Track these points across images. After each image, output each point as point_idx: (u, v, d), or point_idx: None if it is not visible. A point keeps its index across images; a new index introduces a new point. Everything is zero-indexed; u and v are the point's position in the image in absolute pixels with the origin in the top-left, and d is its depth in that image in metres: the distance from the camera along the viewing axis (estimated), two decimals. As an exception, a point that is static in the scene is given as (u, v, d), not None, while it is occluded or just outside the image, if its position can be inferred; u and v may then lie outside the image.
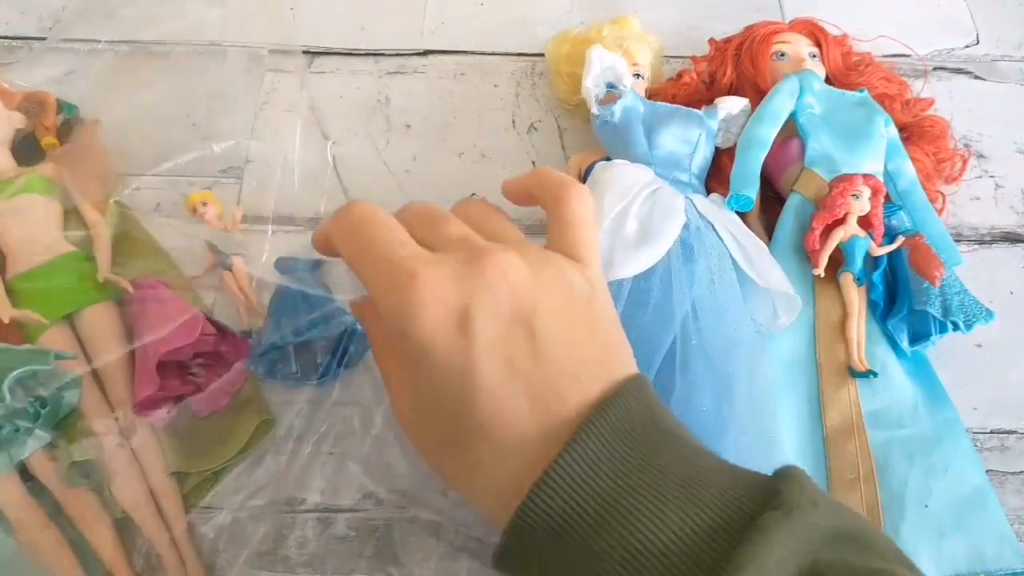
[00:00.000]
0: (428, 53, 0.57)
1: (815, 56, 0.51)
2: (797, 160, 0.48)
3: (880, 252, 0.45)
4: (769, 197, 0.49)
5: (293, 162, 0.51)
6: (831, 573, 0.21)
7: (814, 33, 0.52)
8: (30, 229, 0.45)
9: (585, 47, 0.49)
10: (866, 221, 0.45)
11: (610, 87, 0.48)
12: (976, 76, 0.57)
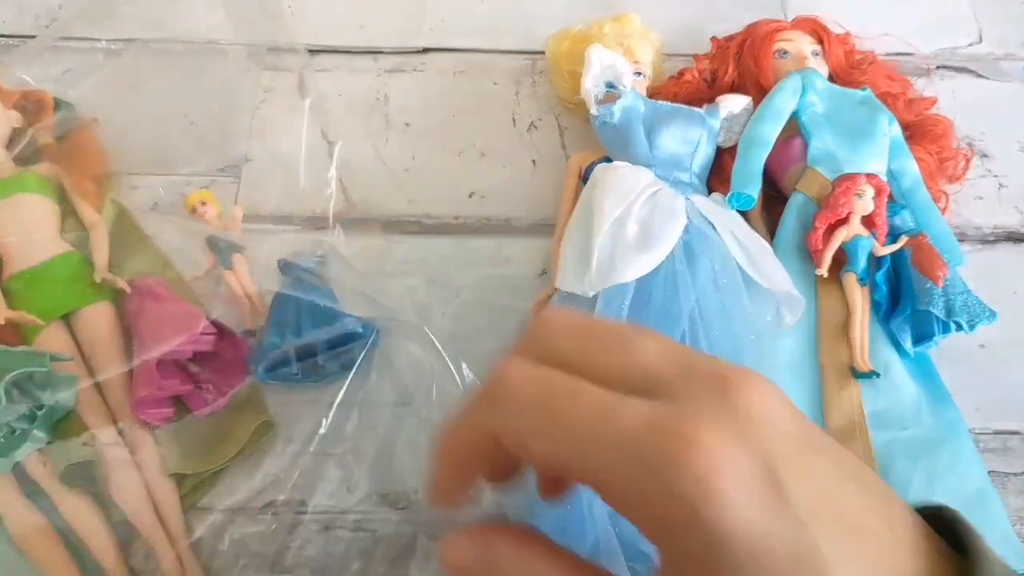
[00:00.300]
0: (427, 51, 0.57)
1: (818, 54, 0.51)
2: (800, 159, 0.47)
3: (883, 252, 0.44)
4: (771, 196, 0.49)
5: (292, 161, 0.51)
6: None
7: (817, 31, 0.52)
8: (27, 229, 0.44)
9: (586, 45, 0.49)
10: (869, 221, 0.45)
11: (610, 87, 0.48)
12: (979, 75, 0.56)
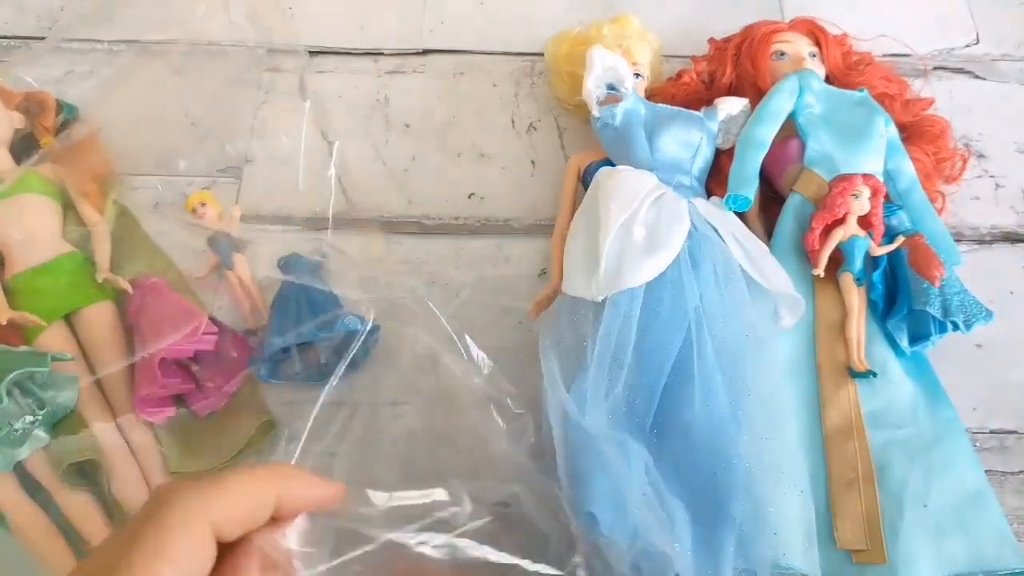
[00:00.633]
0: (427, 52, 0.57)
1: (815, 55, 0.51)
2: (797, 160, 0.48)
3: (880, 252, 0.44)
4: (769, 197, 0.49)
5: (292, 162, 0.51)
6: None
7: (814, 32, 0.52)
8: (29, 229, 0.45)
9: (585, 46, 0.49)
10: (866, 221, 0.45)
11: (611, 89, 0.48)
12: (976, 76, 0.57)
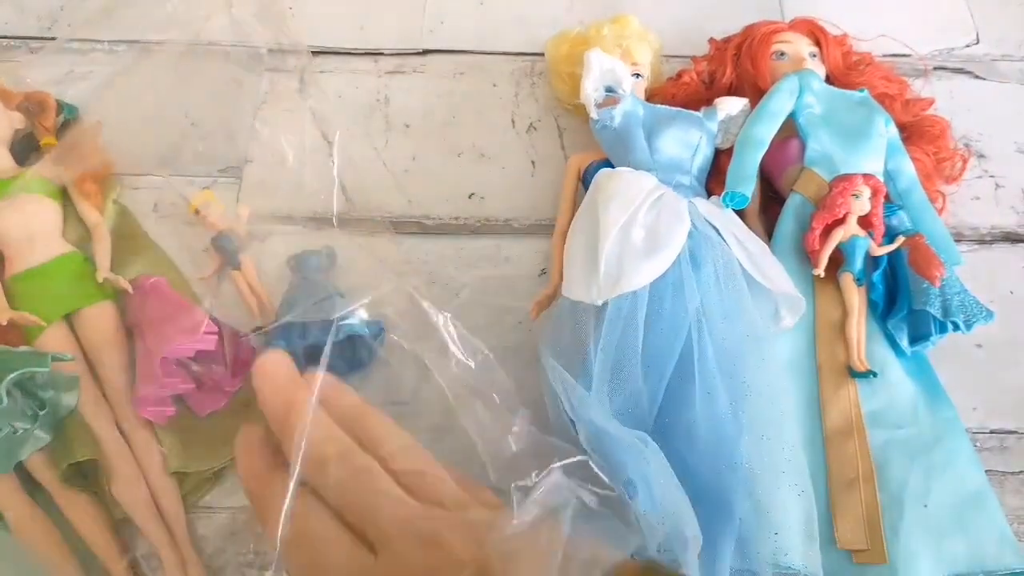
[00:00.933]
0: (427, 53, 0.57)
1: (815, 56, 0.51)
2: (797, 160, 0.48)
3: (880, 252, 0.44)
4: (769, 197, 0.49)
5: (293, 162, 0.51)
6: None
7: (814, 32, 0.52)
8: (29, 229, 0.45)
9: (585, 47, 0.49)
10: (866, 221, 0.45)
11: (609, 91, 0.48)
12: (976, 76, 0.57)
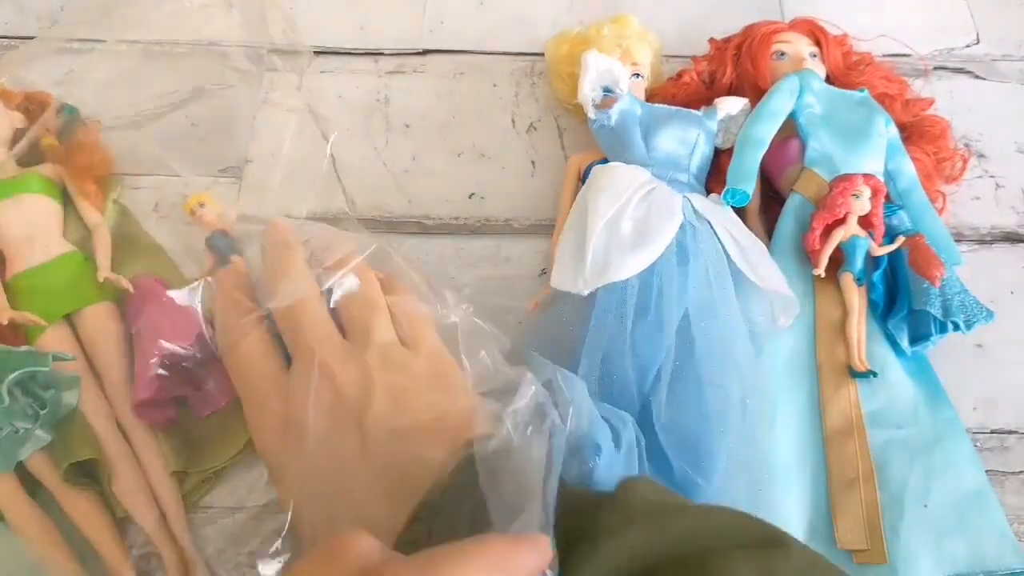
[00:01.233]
0: (427, 53, 0.57)
1: (815, 56, 0.51)
2: (797, 160, 0.48)
3: (880, 252, 0.44)
4: (769, 197, 0.49)
5: (292, 162, 0.51)
6: None
7: (814, 32, 0.52)
8: (29, 229, 0.45)
9: (585, 47, 0.49)
10: (866, 221, 0.45)
11: (607, 91, 0.48)
12: (976, 76, 0.57)
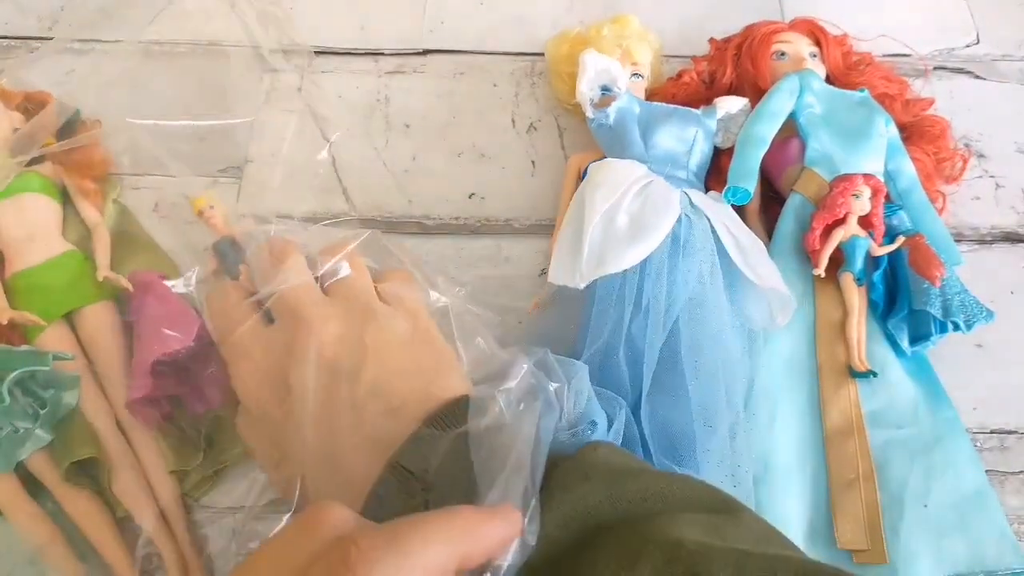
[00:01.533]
0: (427, 53, 0.57)
1: (815, 56, 0.51)
2: (797, 160, 0.48)
3: (880, 252, 0.44)
4: (769, 197, 0.49)
5: (292, 162, 0.51)
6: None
7: (814, 33, 0.52)
8: (29, 228, 0.45)
9: (585, 47, 0.49)
10: (866, 221, 0.45)
11: (605, 90, 0.48)
12: (976, 76, 0.57)
